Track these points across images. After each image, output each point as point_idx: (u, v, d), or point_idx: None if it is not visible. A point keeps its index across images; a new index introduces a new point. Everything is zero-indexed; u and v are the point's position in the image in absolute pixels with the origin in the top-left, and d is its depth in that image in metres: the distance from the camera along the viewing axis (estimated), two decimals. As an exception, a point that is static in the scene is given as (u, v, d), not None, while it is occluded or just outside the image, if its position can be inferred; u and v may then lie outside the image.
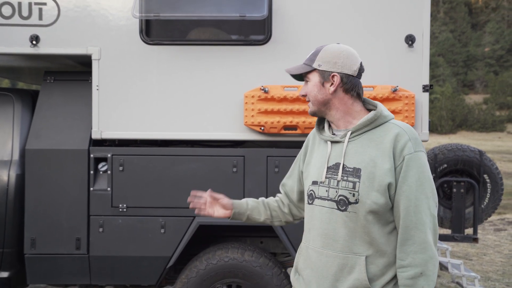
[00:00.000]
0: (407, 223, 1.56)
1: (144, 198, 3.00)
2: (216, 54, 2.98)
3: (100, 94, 2.99)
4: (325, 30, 2.95)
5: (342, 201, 1.60)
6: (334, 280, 1.61)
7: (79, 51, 2.99)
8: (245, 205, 1.89)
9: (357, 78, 1.67)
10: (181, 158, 3.01)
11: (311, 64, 1.68)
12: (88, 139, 3.04)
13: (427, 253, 1.54)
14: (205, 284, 2.99)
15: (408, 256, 1.55)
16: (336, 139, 1.66)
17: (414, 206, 1.55)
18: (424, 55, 2.90)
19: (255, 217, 1.89)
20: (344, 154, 1.63)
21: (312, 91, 1.68)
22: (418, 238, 1.54)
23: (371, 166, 1.58)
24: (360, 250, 1.59)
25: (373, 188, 1.56)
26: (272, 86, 2.91)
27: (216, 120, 3.00)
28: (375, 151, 1.59)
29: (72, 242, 3.00)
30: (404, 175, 1.56)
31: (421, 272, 1.53)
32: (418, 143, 1.59)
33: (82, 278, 3.05)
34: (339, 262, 1.61)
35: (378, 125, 1.62)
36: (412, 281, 1.54)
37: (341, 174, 1.61)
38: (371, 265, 1.59)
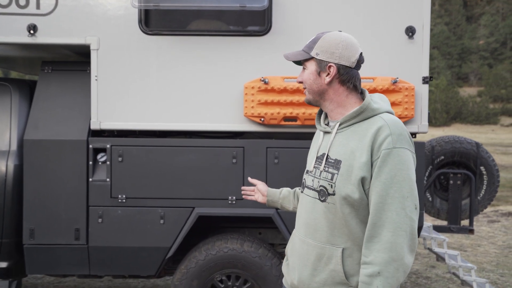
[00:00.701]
0: (375, 220, 1.51)
1: (143, 189, 2.99)
2: (216, 45, 2.96)
3: (99, 84, 2.97)
4: (325, 21, 2.94)
5: (322, 192, 1.61)
6: (313, 269, 1.63)
7: (78, 41, 2.97)
8: (278, 194, 1.99)
9: (355, 69, 1.65)
10: (180, 149, 3.00)
11: (309, 51, 1.65)
12: (87, 130, 3.03)
13: (390, 254, 1.47)
14: (204, 274, 3.00)
15: (371, 253, 1.50)
16: (327, 129, 1.67)
17: (384, 203, 1.49)
18: (424, 47, 2.90)
19: (286, 206, 1.99)
20: (330, 145, 1.63)
21: (308, 80, 1.67)
22: (384, 237, 1.48)
23: (351, 159, 1.56)
24: (338, 241, 1.59)
25: (349, 181, 1.55)
26: (272, 77, 2.90)
27: (216, 111, 2.99)
28: (357, 143, 1.57)
29: (71, 233, 3.00)
30: (378, 170, 1.51)
31: (379, 271, 1.47)
32: (401, 139, 1.53)
33: (81, 268, 3.06)
34: (317, 252, 1.62)
35: (366, 118, 1.60)
36: (369, 279, 1.49)
37: (324, 164, 1.62)
38: (349, 258, 1.58)
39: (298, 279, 1.68)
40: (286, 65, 2.94)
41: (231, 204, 3.00)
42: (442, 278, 4.76)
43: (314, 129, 2.97)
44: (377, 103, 1.63)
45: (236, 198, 2.99)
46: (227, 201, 3.00)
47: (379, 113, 1.61)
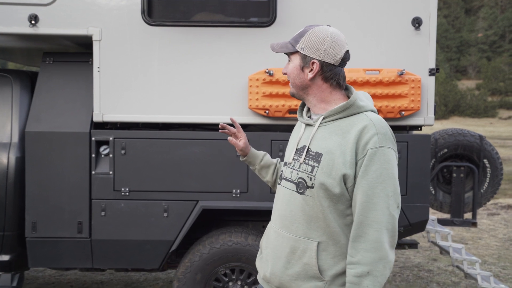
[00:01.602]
0: (362, 219, 1.50)
1: (146, 182, 2.96)
2: (220, 36, 2.92)
3: (101, 76, 2.93)
4: (330, 12, 2.90)
5: (301, 184, 1.60)
6: (286, 262, 1.61)
7: (80, 32, 2.92)
8: (258, 161, 1.93)
9: (340, 67, 1.62)
10: (184, 142, 2.97)
11: (295, 45, 1.63)
12: (89, 122, 2.99)
13: (378, 253, 1.47)
14: (208, 268, 2.98)
15: (358, 253, 1.49)
16: (310, 122, 1.66)
17: (371, 202, 1.49)
18: (431, 38, 2.87)
19: (262, 174, 1.96)
20: (311, 138, 1.62)
21: (292, 74, 1.66)
22: (371, 236, 1.48)
23: (332, 153, 1.55)
24: (314, 235, 1.57)
25: (329, 175, 1.54)
26: (277, 69, 2.87)
27: (220, 103, 2.95)
28: (340, 139, 1.56)
29: (74, 226, 2.98)
30: (364, 169, 1.50)
31: (368, 271, 1.47)
32: (386, 139, 1.53)
33: (84, 261, 3.03)
34: (291, 245, 1.60)
35: (351, 114, 1.59)
36: (358, 279, 1.49)
37: (304, 157, 1.61)
38: (323, 252, 1.57)
39: (271, 272, 1.67)
40: (291, 56, 2.91)
41: (235, 197, 2.98)
42: (444, 271, 4.76)
43: (319, 121, 2.95)
44: (363, 100, 1.62)
45: (240, 191, 2.97)
46: (231, 194, 2.98)
47: (364, 111, 1.60)
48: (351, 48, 2.90)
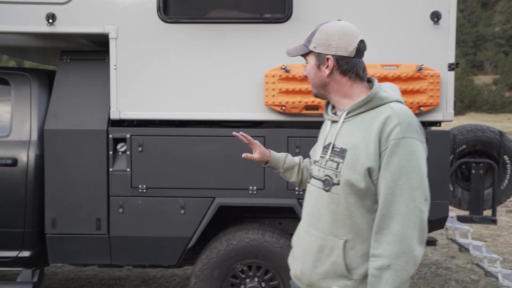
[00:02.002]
0: (384, 212, 1.47)
1: (163, 179, 2.98)
2: (236, 33, 2.92)
3: (118, 73, 2.95)
4: (347, 7, 2.87)
5: (327, 181, 1.59)
6: (315, 260, 1.60)
7: (96, 30, 2.94)
8: (281, 164, 1.94)
9: (356, 58, 1.60)
10: (200, 139, 2.97)
11: (308, 45, 1.64)
12: (106, 120, 3.01)
13: (400, 246, 1.43)
14: (225, 264, 2.99)
15: (380, 245, 1.47)
16: (334, 118, 1.65)
17: (393, 195, 1.46)
18: (450, 33, 2.82)
19: (286, 176, 1.97)
20: (336, 134, 1.61)
21: (310, 74, 1.66)
22: (393, 229, 1.45)
23: (356, 148, 1.53)
24: (340, 233, 1.55)
25: (354, 170, 1.51)
26: (293, 65, 2.85)
27: (236, 100, 2.95)
28: (363, 133, 1.53)
29: (93, 223, 3.00)
30: (386, 161, 1.47)
31: (388, 264, 1.44)
32: (410, 129, 1.48)
33: (103, 258, 3.06)
34: (319, 243, 1.60)
35: (374, 106, 1.56)
36: (378, 271, 1.46)
37: (329, 154, 1.60)
38: (351, 250, 1.54)
39: (301, 270, 1.66)
40: (308, 52, 2.89)
41: (252, 194, 2.97)
42: (463, 269, 4.70)
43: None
44: (386, 92, 1.59)
45: (257, 188, 2.96)
46: (248, 191, 2.97)
47: (388, 102, 1.56)
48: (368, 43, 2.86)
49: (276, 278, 3.01)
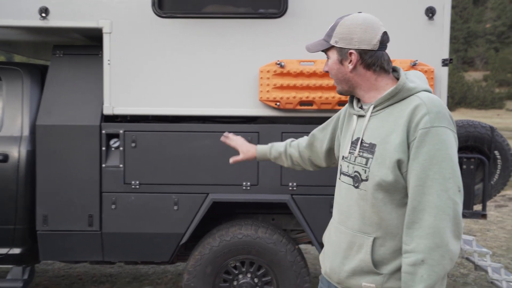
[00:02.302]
0: (415, 204, 1.41)
1: (157, 175, 2.96)
2: (230, 28, 2.90)
3: (111, 69, 2.92)
4: (343, 2, 2.86)
5: (356, 178, 1.55)
6: (344, 257, 1.58)
7: (90, 24, 2.90)
8: (268, 155, 2.11)
9: (380, 50, 1.55)
10: (194, 134, 2.96)
11: (329, 40, 1.59)
12: (99, 115, 2.98)
13: (434, 239, 1.36)
14: (218, 260, 2.98)
15: (413, 240, 1.40)
16: (361, 113, 1.60)
17: (424, 186, 1.39)
18: (445, 28, 2.82)
19: (279, 163, 2.12)
20: (364, 129, 1.56)
21: (333, 70, 1.62)
22: (425, 222, 1.38)
23: (385, 142, 1.48)
24: (369, 230, 1.52)
25: (384, 165, 1.46)
26: (288, 60, 2.84)
27: (230, 95, 2.93)
28: (392, 126, 1.48)
29: (85, 219, 2.98)
30: (415, 151, 1.41)
31: (423, 259, 1.37)
32: (440, 117, 1.42)
33: (95, 254, 3.04)
34: (349, 240, 1.57)
35: (401, 98, 1.50)
36: (412, 268, 1.39)
37: (358, 149, 1.56)
38: (381, 247, 1.50)
39: (330, 267, 1.64)
40: (303, 48, 2.87)
41: (246, 190, 2.97)
42: (454, 264, 4.74)
43: (330, 113, 2.91)
44: (413, 82, 1.53)
45: (250, 184, 2.96)
46: (241, 187, 2.97)
47: (416, 93, 1.50)
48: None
49: (269, 274, 3.01)
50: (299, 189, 2.95)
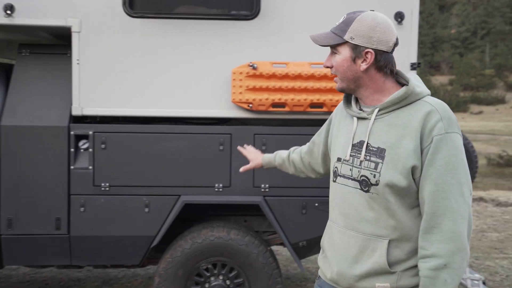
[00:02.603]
0: (434, 209, 1.42)
1: (127, 177, 2.91)
2: (203, 29, 2.88)
3: (80, 68, 2.86)
4: (315, 5, 2.89)
5: (364, 182, 1.51)
6: (354, 262, 1.54)
7: (58, 23, 2.83)
8: (273, 162, 2.10)
9: (391, 53, 1.53)
10: (166, 136, 2.93)
11: (342, 35, 1.51)
12: (68, 116, 2.91)
13: (455, 243, 1.39)
14: (189, 263, 2.96)
15: (433, 245, 1.41)
16: (363, 115, 1.55)
17: (442, 191, 1.41)
18: (413, 33, 2.89)
19: (284, 170, 2.09)
20: (369, 133, 1.51)
21: (341, 67, 1.53)
22: (445, 227, 1.40)
23: (396, 147, 1.46)
24: (384, 233, 1.49)
25: (396, 170, 1.45)
26: (260, 62, 2.85)
27: (203, 97, 2.92)
28: (402, 130, 1.46)
29: (52, 222, 2.90)
30: (431, 157, 1.42)
31: (445, 264, 1.39)
32: (451, 124, 1.44)
33: (62, 259, 2.97)
34: (360, 244, 1.53)
35: (409, 103, 1.49)
36: (434, 272, 1.40)
37: (364, 153, 1.51)
38: (396, 249, 1.49)
39: (338, 272, 1.58)
40: (275, 50, 2.90)
41: (218, 192, 2.95)
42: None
43: (302, 115, 2.96)
44: (419, 86, 1.51)
45: (223, 186, 2.95)
46: (213, 189, 2.95)
47: (422, 97, 1.50)
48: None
49: (241, 276, 3.00)
50: (271, 191, 2.96)
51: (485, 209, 7.37)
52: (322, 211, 2.95)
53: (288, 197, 2.97)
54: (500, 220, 6.61)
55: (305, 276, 4.43)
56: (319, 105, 2.88)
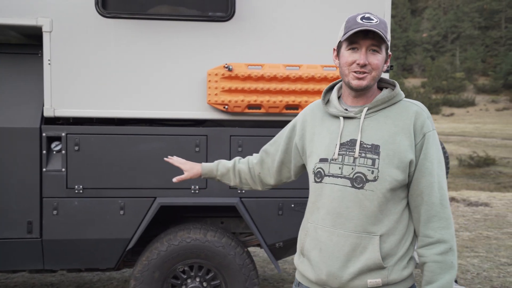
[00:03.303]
0: (433, 200, 1.53)
1: (101, 179, 2.87)
2: (178, 30, 2.87)
3: (52, 69, 2.80)
4: (289, 8, 2.92)
5: (359, 179, 1.54)
6: (346, 260, 1.55)
7: (28, 22, 2.77)
8: (215, 172, 1.96)
9: None
10: (140, 137, 2.90)
11: (386, 36, 1.54)
12: (39, 117, 2.85)
13: (452, 228, 1.54)
14: (166, 265, 2.93)
15: (436, 232, 1.53)
16: (349, 114, 1.59)
17: (437, 182, 1.53)
18: (386, 36, 2.94)
19: (225, 182, 1.97)
20: (361, 130, 1.57)
21: (380, 65, 1.56)
22: (444, 214, 1.54)
23: (390, 143, 1.54)
24: (374, 229, 1.54)
25: (393, 165, 1.53)
26: (236, 64, 2.85)
27: (178, 98, 2.90)
28: (393, 127, 1.56)
29: (23, 226, 2.84)
30: (425, 151, 1.54)
31: (450, 247, 1.53)
32: (432, 122, 1.59)
33: (34, 263, 2.90)
34: (351, 242, 1.55)
35: (394, 103, 1.59)
36: (441, 257, 1.52)
37: (358, 150, 1.55)
38: (384, 243, 1.54)
39: (328, 273, 1.58)
40: (251, 51, 2.91)
41: (194, 194, 2.94)
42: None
43: (278, 117, 2.98)
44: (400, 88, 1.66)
45: (199, 187, 2.94)
46: (189, 191, 2.94)
47: (403, 98, 1.63)
48: (309, 45, 2.94)
49: (218, 278, 3.00)
50: (247, 192, 2.97)
51: (456, 209, 7.56)
52: (298, 212, 2.97)
53: (264, 198, 2.98)
54: (471, 220, 6.79)
55: (282, 277, 4.45)
56: (294, 106, 2.90)
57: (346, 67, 1.57)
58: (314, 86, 2.88)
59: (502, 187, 12.25)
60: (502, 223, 6.59)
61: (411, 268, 1.59)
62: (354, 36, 1.54)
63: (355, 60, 1.55)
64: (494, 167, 16.17)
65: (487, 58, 52.32)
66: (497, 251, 5.30)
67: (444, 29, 55.46)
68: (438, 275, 1.52)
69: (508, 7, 55.51)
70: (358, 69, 1.54)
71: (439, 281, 1.52)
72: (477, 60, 49.62)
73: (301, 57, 2.92)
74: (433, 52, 53.54)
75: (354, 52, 1.56)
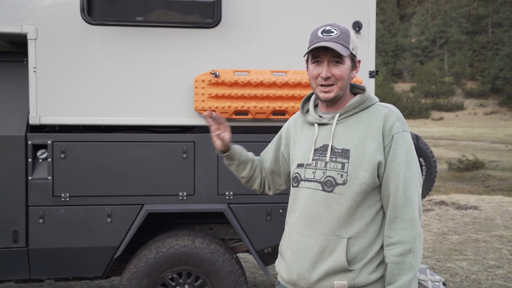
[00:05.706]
0: (397, 201, 1.56)
1: (88, 187, 2.85)
2: (164, 37, 2.87)
3: (37, 76, 2.79)
4: (275, 15, 2.94)
5: (329, 182, 1.59)
6: (314, 261, 1.60)
7: (13, 30, 2.76)
8: (238, 156, 1.86)
9: None
10: (127, 144, 2.89)
11: (348, 46, 1.59)
12: (25, 125, 2.83)
13: (415, 230, 1.54)
14: (154, 273, 2.92)
15: (397, 233, 1.55)
16: (323, 121, 1.66)
17: (403, 184, 1.55)
18: (371, 42, 2.98)
19: (238, 170, 1.89)
20: (332, 136, 1.62)
21: (345, 76, 1.61)
22: (406, 216, 1.55)
23: (360, 147, 1.58)
24: (343, 232, 1.58)
25: (361, 168, 1.56)
26: (223, 70, 2.86)
27: (165, 105, 2.90)
28: (363, 132, 1.59)
29: (9, 235, 2.80)
30: (393, 153, 1.56)
31: (410, 248, 1.53)
32: (404, 124, 1.61)
33: (20, 273, 2.87)
34: (320, 244, 1.59)
35: (365, 107, 1.63)
36: (400, 258, 1.53)
37: (329, 155, 1.60)
38: (353, 246, 1.57)
39: (298, 274, 1.63)
40: (237, 58, 2.92)
41: (182, 200, 2.93)
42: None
43: (265, 122, 2.98)
44: (372, 93, 1.69)
45: (187, 194, 2.93)
46: (177, 197, 2.93)
47: (375, 102, 1.66)
48: (294, 51, 2.96)
49: (207, 284, 2.98)
50: (235, 198, 2.96)
51: (446, 212, 7.61)
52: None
53: (252, 204, 2.98)
54: (460, 223, 6.84)
55: (272, 282, 4.44)
56: (281, 112, 2.92)
57: (313, 80, 1.65)
58: (300, 92, 2.90)
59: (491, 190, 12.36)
60: (491, 226, 6.64)
61: (381, 272, 1.60)
62: (315, 51, 1.60)
63: (319, 73, 1.61)
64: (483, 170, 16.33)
65: (475, 62, 52.95)
66: (486, 254, 5.34)
67: (432, 34, 56.05)
68: (397, 276, 1.53)
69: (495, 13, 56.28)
70: (323, 82, 1.61)
71: (397, 282, 1.53)
72: (465, 65, 50.16)
73: (287, 63, 2.94)
74: (422, 57, 54.06)
75: (318, 65, 1.63)
